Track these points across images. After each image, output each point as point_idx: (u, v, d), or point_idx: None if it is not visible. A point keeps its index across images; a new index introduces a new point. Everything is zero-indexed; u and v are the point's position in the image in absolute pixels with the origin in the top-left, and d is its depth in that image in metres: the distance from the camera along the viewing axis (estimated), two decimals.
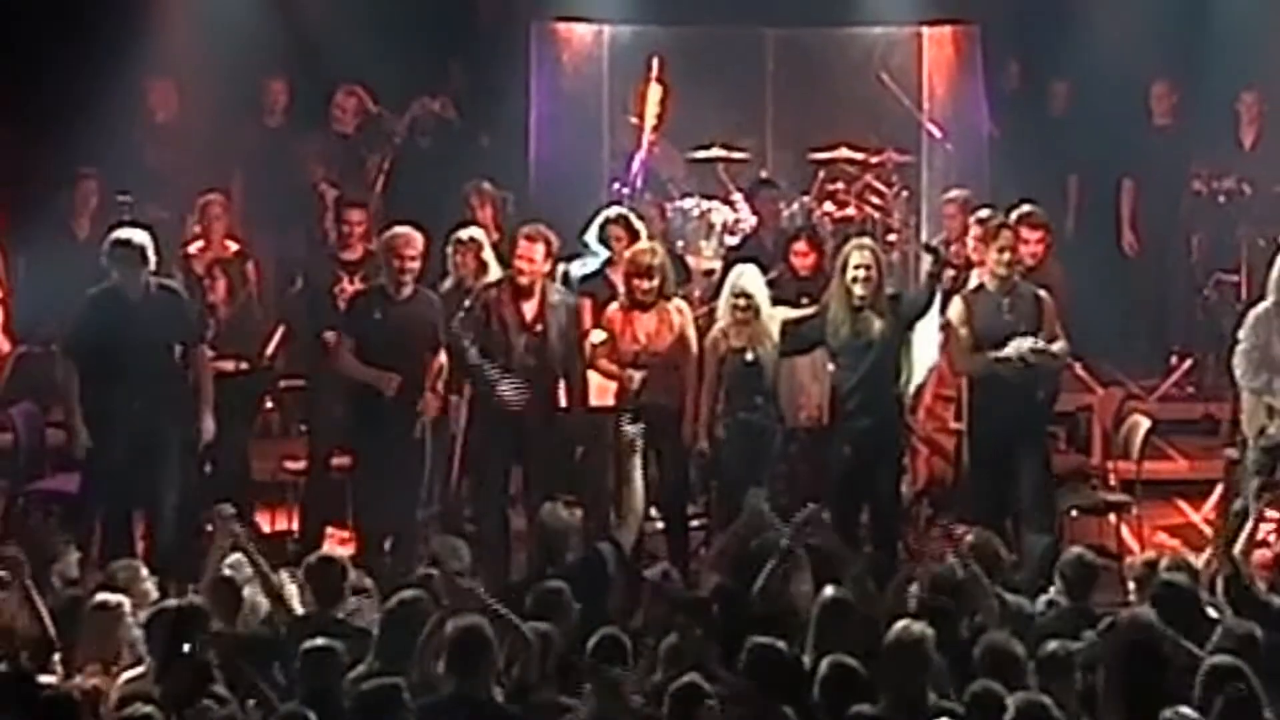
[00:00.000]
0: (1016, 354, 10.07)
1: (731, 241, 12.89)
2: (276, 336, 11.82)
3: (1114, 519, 10.89)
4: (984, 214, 11.11)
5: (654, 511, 10.42)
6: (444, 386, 10.58)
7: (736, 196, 13.39)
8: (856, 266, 10.17)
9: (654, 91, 13.70)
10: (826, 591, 7.96)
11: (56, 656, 7.77)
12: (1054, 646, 7.44)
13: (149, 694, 7.21)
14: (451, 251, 11.10)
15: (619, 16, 14.16)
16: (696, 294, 11.87)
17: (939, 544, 9.91)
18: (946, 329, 10.40)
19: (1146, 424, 10.97)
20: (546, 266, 10.55)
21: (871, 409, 10.17)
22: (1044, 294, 10.28)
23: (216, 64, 13.21)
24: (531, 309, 10.47)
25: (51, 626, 7.78)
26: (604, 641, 7.48)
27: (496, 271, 10.98)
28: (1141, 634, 7.28)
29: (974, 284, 10.40)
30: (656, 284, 10.43)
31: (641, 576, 9.20)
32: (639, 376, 10.38)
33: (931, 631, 7.34)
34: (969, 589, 8.22)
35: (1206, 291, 12.98)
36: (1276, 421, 10.04)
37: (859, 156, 13.68)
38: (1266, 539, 9.67)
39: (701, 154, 13.74)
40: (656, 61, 13.71)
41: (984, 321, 10.19)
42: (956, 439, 11.05)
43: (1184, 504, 11.70)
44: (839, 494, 10.16)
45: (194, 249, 11.78)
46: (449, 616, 7.51)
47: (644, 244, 10.77)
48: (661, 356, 10.43)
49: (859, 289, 10.16)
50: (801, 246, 11.33)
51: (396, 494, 10.39)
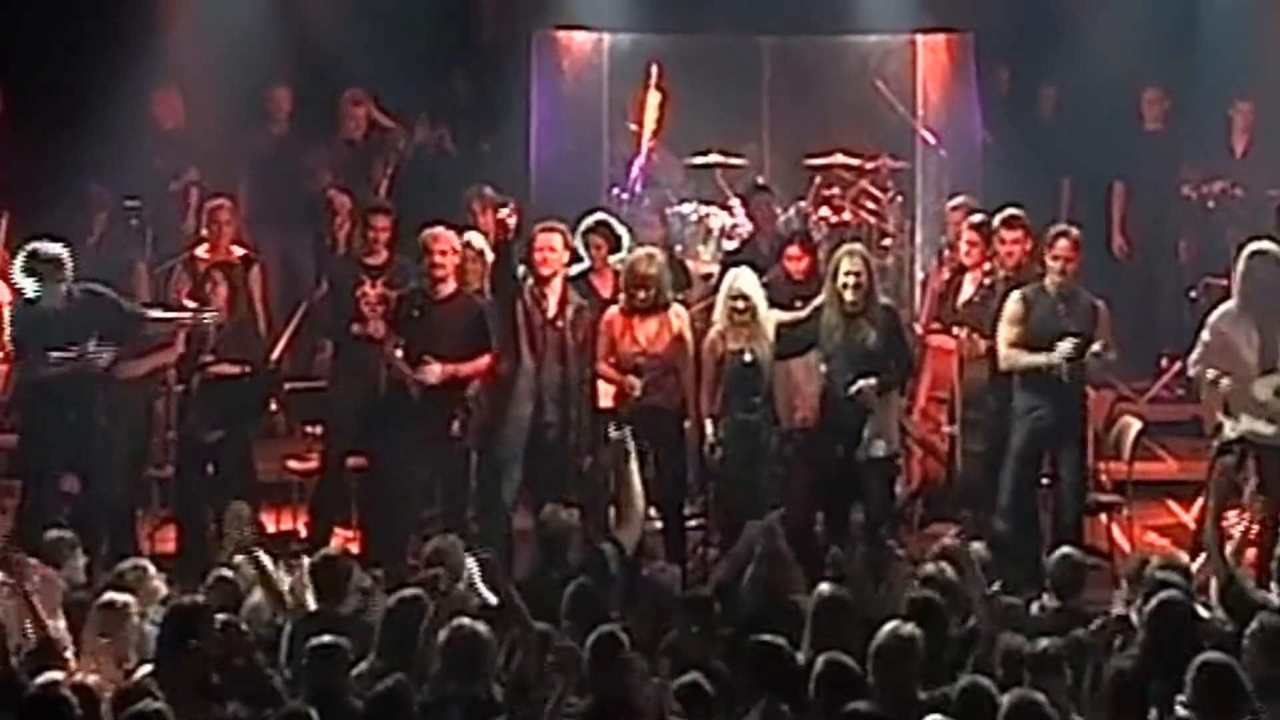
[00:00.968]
0: (1062, 357, 10.10)
1: (729, 246, 12.90)
2: (284, 339, 11.84)
3: (1105, 519, 10.90)
4: (977, 219, 11.14)
5: (653, 511, 10.42)
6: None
7: (734, 202, 13.41)
8: (847, 273, 10.21)
9: (653, 99, 13.72)
10: (823, 589, 7.96)
11: (69, 653, 7.76)
12: (1045, 644, 7.44)
13: (155, 689, 7.22)
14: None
15: (619, 25, 14.17)
16: (695, 298, 11.87)
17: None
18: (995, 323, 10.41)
19: (1137, 425, 10.98)
20: (565, 256, 10.56)
21: (863, 411, 10.17)
22: (1100, 303, 10.33)
23: (222, 72, 13.21)
24: (553, 306, 10.50)
25: (58, 628, 7.77)
26: (603, 640, 7.48)
27: None
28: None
29: (1035, 285, 10.39)
30: (653, 293, 10.45)
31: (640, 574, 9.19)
32: (639, 381, 10.39)
33: (920, 631, 7.36)
34: (961, 589, 8.23)
35: (1195, 294, 12.97)
36: (1235, 420, 10.09)
37: (854, 162, 13.67)
38: (1232, 534, 9.71)
39: (700, 160, 13.74)
40: (655, 69, 13.73)
41: (1039, 322, 10.23)
42: (950, 440, 11.09)
43: (1174, 504, 11.70)
44: (832, 494, 10.16)
45: (201, 253, 11.76)
46: (448, 616, 7.53)
47: (642, 252, 10.78)
48: (661, 360, 10.46)
49: (850, 295, 10.19)
50: (795, 250, 11.35)
51: (412, 495, 10.42)
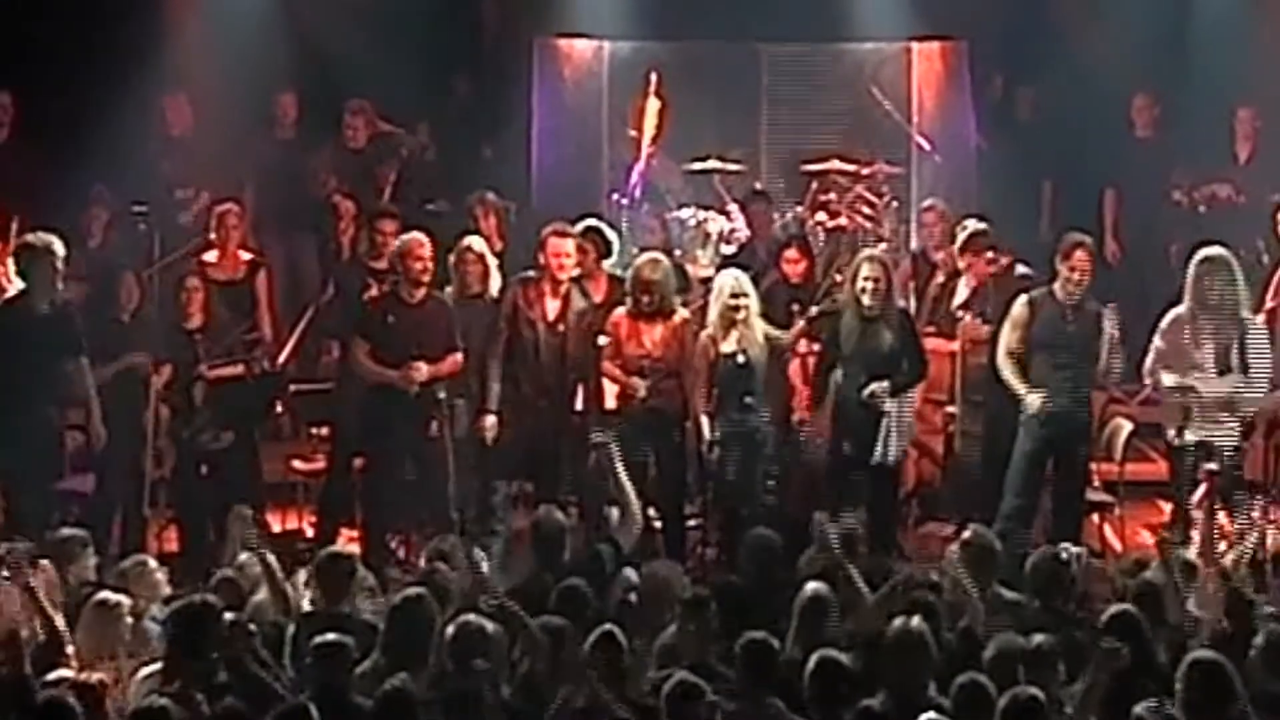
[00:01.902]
0: (1033, 414, 10.16)
1: (727, 250, 12.90)
2: (290, 342, 11.83)
3: (1097, 518, 10.91)
4: (970, 224, 11.13)
5: (652, 511, 10.42)
6: (448, 389, 10.61)
7: (732, 207, 13.41)
8: (866, 278, 10.24)
9: (652, 105, 13.72)
10: (808, 588, 7.95)
11: (70, 650, 7.75)
12: (1039, 640, 7.43)
13: (163, 686, 7.22)
14: (454, 261, 11.12)
15: (619, 33, 14.18)
16: (693, 301, 11.86)
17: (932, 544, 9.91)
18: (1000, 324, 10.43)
19: (1129, 427, 10.99)
20: (575, 261, 10.58)
21: (876, 414, 10.20)
22: (1105, 310, 10.30)
23: (228, 78, 13.21)
24: (555, 309, 10.50)
25: (62, 624, 7.75)
26: (602, 639, 7.48)
27: (498, 279, 11.02)
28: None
29: (1043, 290, 10.38)
30: (658, 298, 10.45)
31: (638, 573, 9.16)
32: (644, 383, 10.39)
33: (927, 627, 7.36)
34: (954, 588, 8.23)
35: None
36: (1194, 424, 10.13)
37: (850, 168, 13.67)
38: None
39: (698, 165, 13.74)
40: (655, 76, 13.73)
41: (1044, 327, 10.23)
42: (946, 442, 11.08)
43: (1165, 504, 11.67)
44: (835, 495, 10.16)
45: (210, 258, 11.75)
46: (453, 614, 7.53)
47: (647, 257, 10.80)
48: (665, 364, 10.45)
49: (868, 299, 10.22)
50: (793, 254, 11.36)
51: (405, 495, 10.42)
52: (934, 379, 11.08)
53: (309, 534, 10.97)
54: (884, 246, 13.30)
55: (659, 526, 10.52)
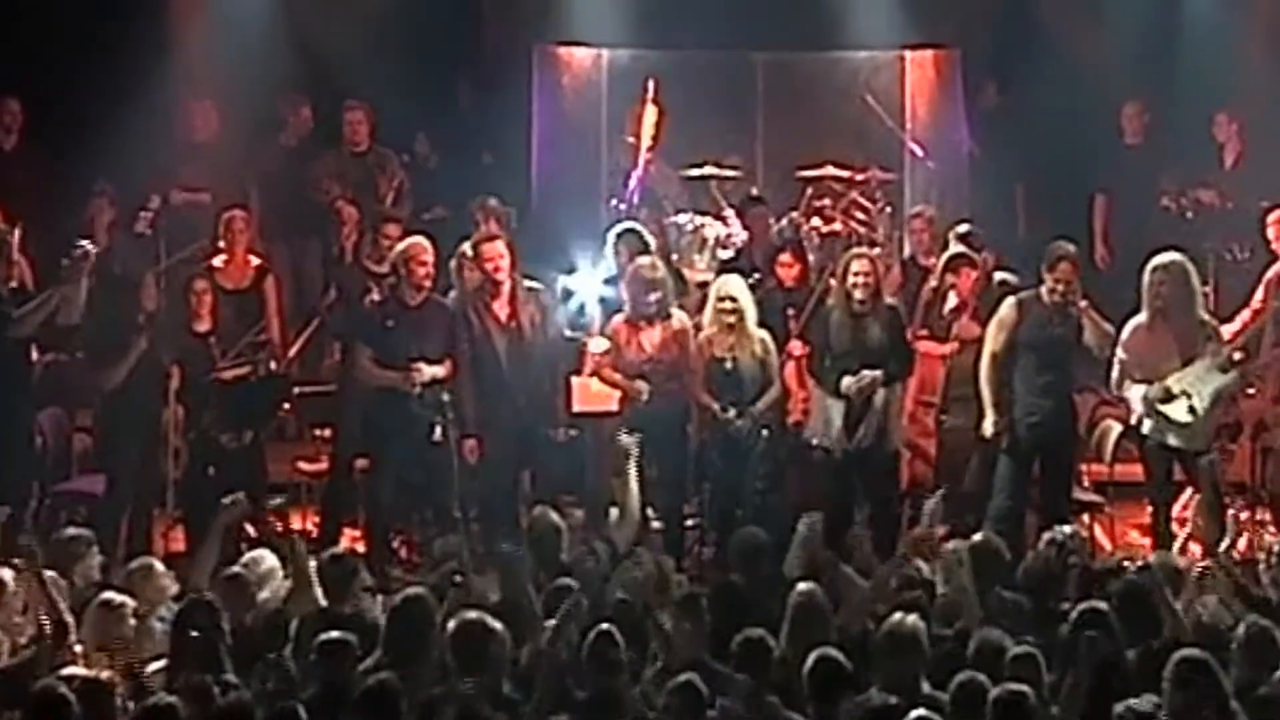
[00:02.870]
0: (992, 432, 10.27)
1: (724, 255, 12.91)
2: (296, 345, 11.84)
3: (1087, 518, 10.92)
4: (962, 229, 11.16)
5: (650, 512, 10.42)
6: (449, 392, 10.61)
7: (729, 212, 13.42)
8: (856, 274, 10.30)
9: (650, 112, 13.72)
10: (800, 588, 7.96)
11: (79, 649, 7.76)
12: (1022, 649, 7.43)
13: (168, 684, 7.22)
14: (455, 266, 11.13)
15: (617, 41, 14.20)
16: (691, 305, 11.85)
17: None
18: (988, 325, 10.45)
19: (1118, 428, 11.00)
20: (508, 260, 10.55)
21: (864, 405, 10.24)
22: (1084, 303, 10.33)
23: (231, 85, 13.23)
24: (504, 309, 10.50)
25: (70, 617, 7.75)
26: (600, 638, 7.48)
27: None
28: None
29: (1031, 293, 10.41)
30: (661, 295, 10.45)
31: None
32: (646, 387, 10.39)
33: (923, 624, 7.37)
34: (952, 590, 8.23)
35: None
36: (1173, 428, 10.16)
37: (845, 174, 13.69)
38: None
39: (695, 172, 13.75)
40: (652, 84, 13.73)
41: (1031, 330, 10.26)
42: (938, 443, 11.08)
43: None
44: (837, 495, 10.18)
45: (218, 263, 11.75)
46: (455, 612, 7.53)
47: (645, 260, 10.81)
48: (665, 366, 10.47)
49: (859, 294, 10.26)
50: (786, 258, 11.38)
51: (408, 496, 10.43)
52: (926, 381, 11.10)
53: (313, 534, 10.97)
54: (878, 251, 13.32)
55: (657, 527, 10.53)
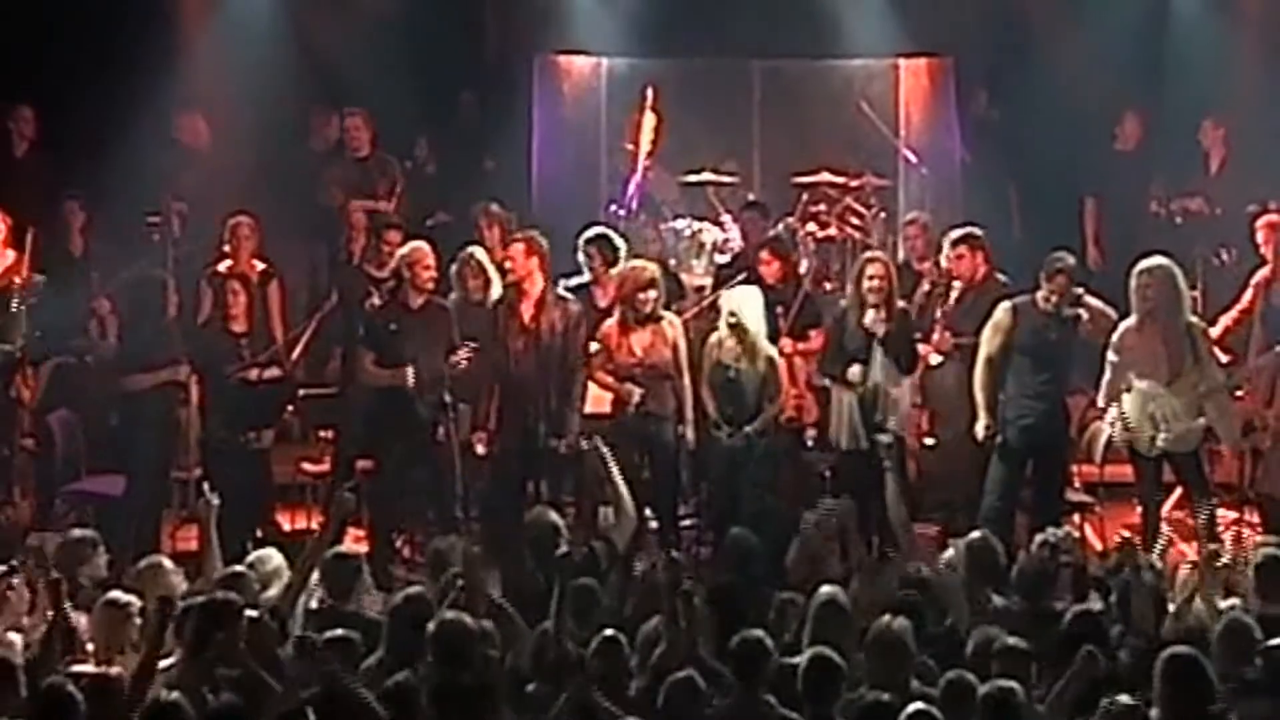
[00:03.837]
0: (984, 437, 10.33)
1: (721, 260, 12.91)
2: (299, 347, 11.84)
3: (1078, 519, 10.92)
4: (956, 234, 11.17)
5: (648, 511, 10.43)
6: (452, 394, 10.63)
7: (726, 217, 13.43)
8: (870, 277, 10.31)
9: (648, 119, 13.74)
10: (823, 590, 7.96)
11: (90, 647, 7.76)
12: (1013, 641, 7.43)
13: (175, 682, 7.22)
14: (456, 269, 11.15)
15: (616, 50, 14.24)
16: (688, 308, 11.86)
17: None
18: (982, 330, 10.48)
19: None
20: (533, 264, 10.56)
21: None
22: (1081, 313, 10.36)
23: (238, 93, 13.25)
24: (529, 311, 10.50)
25: (82, 619, 7.76)
26: (602, 641, 7.48)
27: (499, 287, 11.05)
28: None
29: (1026, 299, 10.42)
30: (657, 295, 10.47)
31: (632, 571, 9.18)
32: (638, 391, 10.40)
33: (910, 625, 7.37)
34: (940, 587, 8.24)
35: None
36: (1162, 432, 10.20)
37: (840, 180, 13.69)
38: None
39: (693, 178, 13.77)
40: (651, 92, 13.76)
41: (1026, 335, 10.28)
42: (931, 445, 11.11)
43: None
44: (857, 489, 10.20)
45: (223, 268, 11.77)
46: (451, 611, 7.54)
47: (637, 263, 10.83)
48: (656, 369, 10.47)
49: (873, 298, 10.30)
50: (765, 255, 11.41)
51: (411, 496, 10.44)
52: (920, 383, 11.10)
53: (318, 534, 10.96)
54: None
55: (654, 526, 10.53)
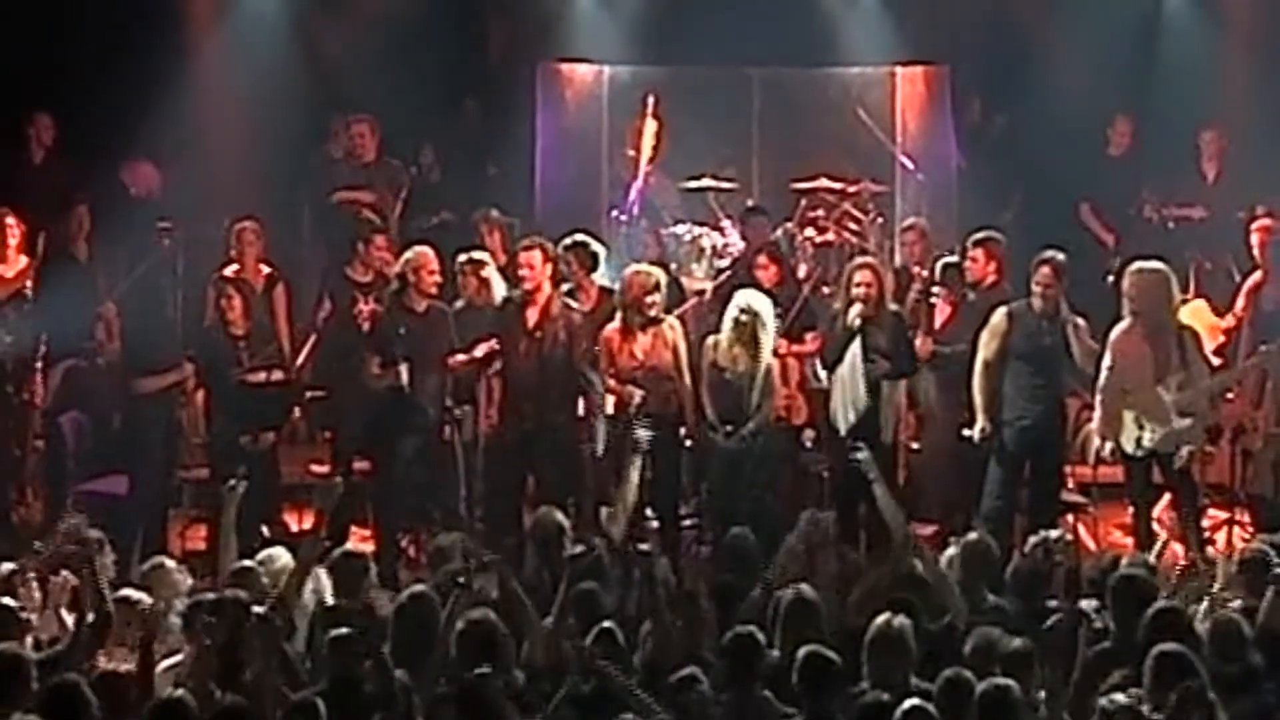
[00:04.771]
0: (978, 438, 10.33)
1: (721, 264, 12.93)
2: (305, 350, 11.86)
3: (1072, 519, 10.93)
4: (977, 236, 11.17)
5: (649, 511, 10.44)
6: (453, 396, 10.65)
7: (725, 223, 13.46)
8: (858, 284, 10.33)
9: (649, 126, 13.78)
10: (791, 590, 7.98)
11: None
12: (1017, 643, 7.45)
13: (183, 678, 7.24)
14: (459, 274, 11.17)
15: (618, 58, 14.27)
16: (689, 312, 11.89)
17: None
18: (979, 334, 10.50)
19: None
20: (548, 271, 10.58)
21: (875, 416, 10.32)
22: (1078, 320, 10.38)
23: (246, 99, 13.27)
24: (534, 316, 10.53)
25: (113, 609, 7.78)
26: (600, 634, 7.50)
27: (501, 291, 11.08)
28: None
29: (1022, 303, 10.45)
30: (661, 299, 10.48)
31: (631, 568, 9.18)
32: (639, 393, 10.42)
33: (910, 622, 7.39)
34: (934, 586, 8.26)
35: None
36: (1146, 432, 10.20)
37: (838, 186, 13.71)
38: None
39: (693, 184, 13.79)
40: (652, 99, 13.80)
41: (1022, 338, 10.30)
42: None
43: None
44: (844, 496, 10.21)
45: (229, 272, 11.78)
46: (464, 609, 7.56)
47: (640, 267, 10.86)
48: (657, 372, 10.49)
49: (860, 305, 10.26)
50: (763, 260, 11.42)
51: (416, 496, 10.47)
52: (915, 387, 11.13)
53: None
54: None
55: (656, 526, 10.54)
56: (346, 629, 7.36)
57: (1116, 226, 13.40)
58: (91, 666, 7.34)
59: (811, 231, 13.47)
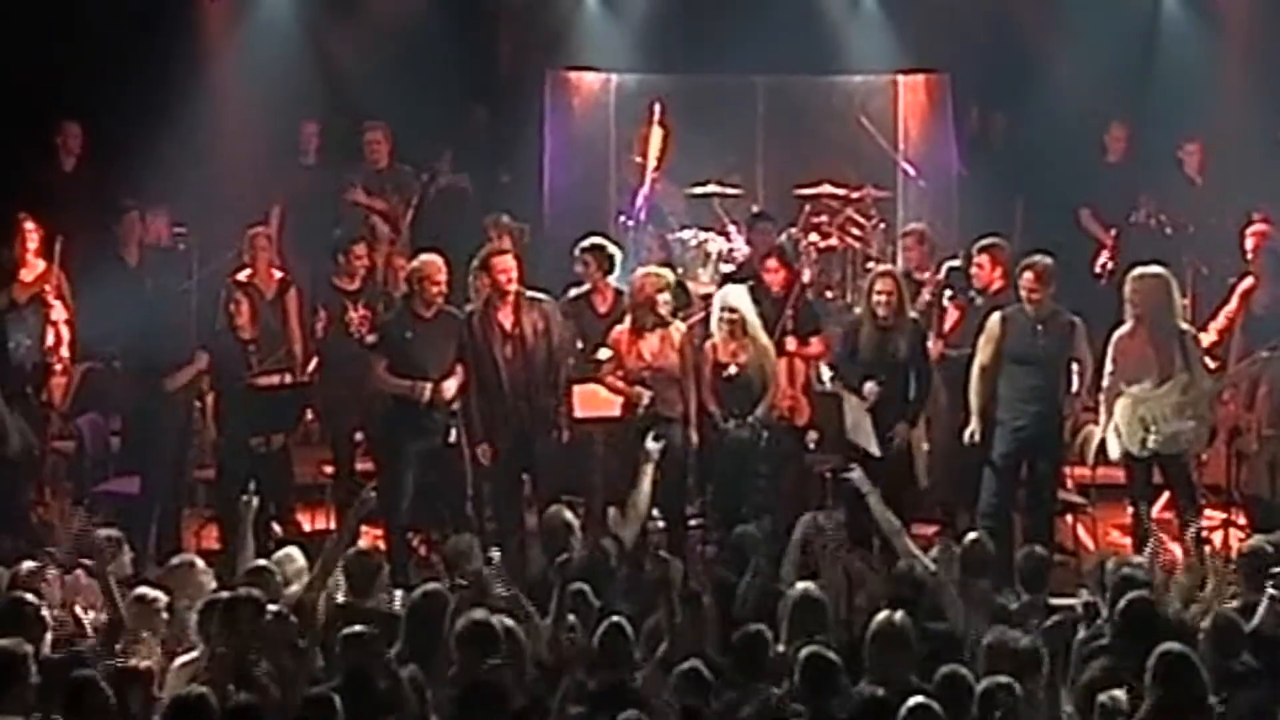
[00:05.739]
0: (970, 441, 10.39)
1: (726, 269, 12.95)
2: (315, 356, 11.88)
3: (1071, 519, 10.96)
4: (982, 243, 11.19)
5: (655, 511, 10.46)
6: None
7: (731, 228, 13.48)
8: (879, 291, 10.41)
9: (656, 133, 13.79)
10: (798, 587, 8.00)
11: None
12: (1025, 641, 7.43)
13: (202, 675, 7.26)
14: (472, 279, 11.17)
15: (625, 66, 14.30)
16: (694, 315, 11.90)
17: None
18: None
19: (1100, 432, 11.01)
20: (516, 272, 10.57)
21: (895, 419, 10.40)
22: (1076, 320, 10.41)
23: (260, 105, 13.29)
24: (509, 317, 10.53)
25: (124, 612, 7.81)
26: (609, 630, 7.52)
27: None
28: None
29: (1016, 306, 10.48)
30: (671, 301, 10.53)
31: (641, 568, 9.21)
32: (647, 394, 10.44)
33: (910, 619, 7.40)
34: (931, 585, 8.28)
35: None
36: (1152, 433, 10.24)
37: (841, 192, 13.73)
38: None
39: (699, 190, 13.81)
40: (658, 107, 13.81)
41: (1016, 341, 10.34)
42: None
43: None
44: (852, 498, 10.23)
45: (242, 277, 11.80)
46: (466, 609, 7.58)
47: (655, 269, 10.93)
48: (664, 373, 10.51)
49: (882, 310, 10.35)
50: (772, 264, 11.44)
51: (425, 497, 10.48)
52: None
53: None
54: (872, 265, 13.38)
55: (662, 526, 10.57)
56: (360, 627, 7.39)
57: (1115, 231, 13.43)
58: (109, 663, 7.37)
59: (815, 237, 13.49)
